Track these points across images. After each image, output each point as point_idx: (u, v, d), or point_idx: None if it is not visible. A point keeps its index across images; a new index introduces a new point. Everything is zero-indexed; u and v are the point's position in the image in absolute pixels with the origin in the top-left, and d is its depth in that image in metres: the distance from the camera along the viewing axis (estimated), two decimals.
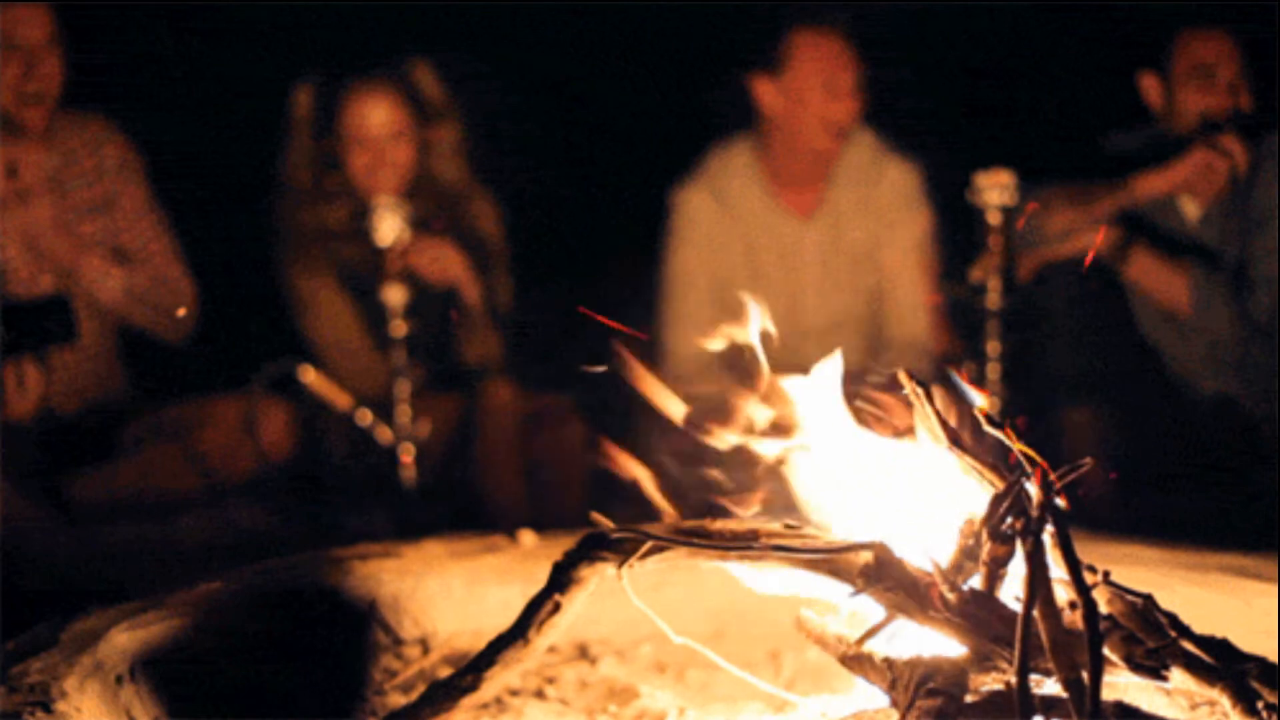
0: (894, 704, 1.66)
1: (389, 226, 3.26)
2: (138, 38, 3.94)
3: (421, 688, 1.91)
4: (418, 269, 3.42)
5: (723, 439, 1.88)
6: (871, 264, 3.83)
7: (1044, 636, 1.52)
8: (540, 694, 2.13)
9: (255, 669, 2.01)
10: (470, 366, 3.67)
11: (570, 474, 3.61)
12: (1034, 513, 1.62)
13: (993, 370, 3.19)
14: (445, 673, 1.99)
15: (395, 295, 3.26)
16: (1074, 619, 1.55)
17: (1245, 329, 3.39)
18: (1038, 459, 1.64)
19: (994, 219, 3.15)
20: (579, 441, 3.63)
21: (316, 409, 3.41)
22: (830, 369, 1.88)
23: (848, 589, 1.69)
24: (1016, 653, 1.49)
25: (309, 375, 3.36)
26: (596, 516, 1.81)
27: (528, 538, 2.50)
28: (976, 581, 1.70)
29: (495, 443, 3.57)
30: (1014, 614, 1.60)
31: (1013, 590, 1.68)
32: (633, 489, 1.93)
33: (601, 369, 1.85)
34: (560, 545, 1.87)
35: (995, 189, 3.13)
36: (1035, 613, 1.52)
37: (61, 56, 3.36)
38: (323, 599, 2.23)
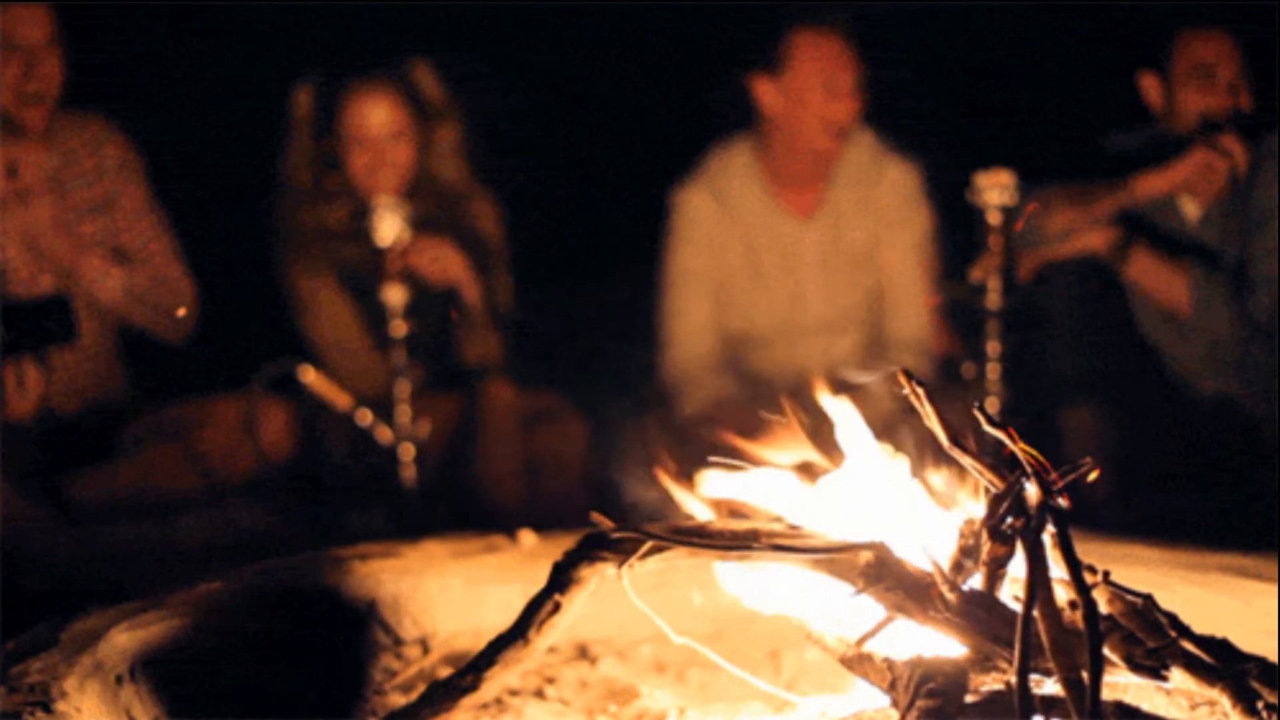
0: (894, 704, 1.66)
1: (389, 226, 3.26)
2: (138, 38, 3.94)
3: (421, 688, 1.91)
4: (418, 269, 3.42)
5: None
6: (871, 264, 3.83)
7: (1044, 636, 1.52)
8: (540, 694, 2.13)
9: (255, 669, 2.00)
10: (470, 366, 3.67)
11: (570, 474, 3.60)
12: (1034, 513, 1.62)
13: (993, 370, 3.19)
14: (445, 673, 1.99)
15: (395, 295, 3.26)
16: (1074, 619, 1.55)
17: (1245, 329, 3.39)
18: (1038, 458, 1.64)
19: (994, 219, 3.15)
20: (579, 441, 3.63)
21: (316, 409, 3.41)
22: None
23: (848, 589, 1.69)
24: (1016, 653, 1.49)
25: (309, 375, 3.36)
26: (596, 516, 1.81)
27: (528, 538, 2.50)
28: (976, 581, 1.70)
29: (495, 443, 3.57)
30: (1014, 614, 1.60)
31: (1013, 590, 1.68)
32: (634, 488, 1.93)
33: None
34: (560, 545, 1.87)
35: (995, 189, 3.13)
36: (1035, 613, 1.52)
37: (61, 56, 3.36)
38: (323, 599, 2.23)
